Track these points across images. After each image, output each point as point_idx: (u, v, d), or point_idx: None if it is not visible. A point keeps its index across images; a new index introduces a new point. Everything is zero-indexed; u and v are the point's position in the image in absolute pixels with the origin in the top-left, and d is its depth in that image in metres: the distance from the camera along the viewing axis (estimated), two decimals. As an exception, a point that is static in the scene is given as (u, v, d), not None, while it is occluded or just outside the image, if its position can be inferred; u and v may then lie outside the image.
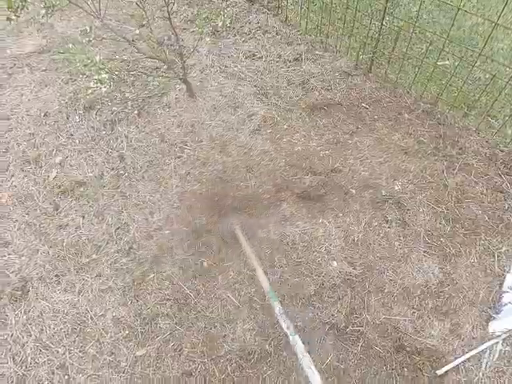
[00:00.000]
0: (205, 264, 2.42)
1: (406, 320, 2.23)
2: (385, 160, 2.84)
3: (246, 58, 3.44)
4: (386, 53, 3.17)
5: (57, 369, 2.12)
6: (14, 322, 2.26)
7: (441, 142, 2.91)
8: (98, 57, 2.32)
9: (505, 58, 3.35)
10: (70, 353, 2.16)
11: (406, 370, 2.09)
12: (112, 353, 2.16)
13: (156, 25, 3.64)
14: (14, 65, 3.37)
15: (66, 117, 3.06)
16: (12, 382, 2.06)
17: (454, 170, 2.78)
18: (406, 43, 2.98)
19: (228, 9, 3.54)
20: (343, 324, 2.22)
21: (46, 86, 3.26)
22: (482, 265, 2.39)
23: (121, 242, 2.53)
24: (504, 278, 2.32)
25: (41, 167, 2.85)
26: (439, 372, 2.04)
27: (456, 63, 3.32)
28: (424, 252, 2.45)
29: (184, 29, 3.59)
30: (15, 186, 2.76)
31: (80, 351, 2.16)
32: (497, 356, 2.08)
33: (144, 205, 2.66)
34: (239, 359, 2.13)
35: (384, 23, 2.92)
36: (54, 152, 2.91)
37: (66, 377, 2.09)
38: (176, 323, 2.24)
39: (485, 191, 2.68)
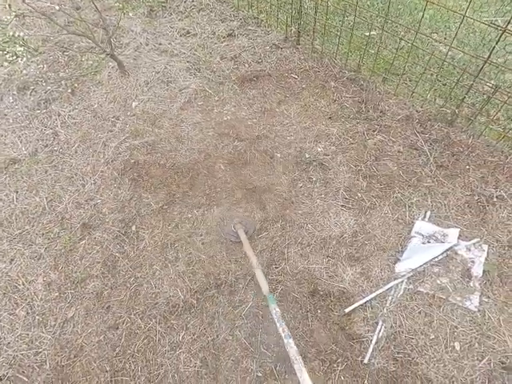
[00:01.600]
0: (133, 228, 2.54)
1: (321, 268, 2.39)
2: (309, 125, 2.99)
3: (180, 35, 3.54)
4: (310, 25, 3.30)
5: (-12, 331, 2.22)
6: None
7: (363, 106, 3.07)
8: (17, 33, 2.38)
9: (427, 27, 3.53)
10: (1, 316, 2.25)
11: (319, 311, 2.26)
12: (42, 313, 2.27)
13: (92, 6, 3.69)
14: None
15: (0, 98, 3.11)
16: None
17: (374, 131, 2.94)
18: (326, 15, 3.11)
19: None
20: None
21: (-21, 69, 3.30)
22: (394, 215, 2.56)
23: (53, 212, 2.62)
24: (413, 224, 2.51)
25: (-25, 147, 2.91)
26: (347, 310, 2.21)
27: (383, 33, 3.49)
28: (341, 206, 2.61)
29: (119, 9, 3.64)
30: (-51, 167, 2.81)
31: (10, 314, 2.26)
32: (401, 293, 2.26)
33: (76, 177, 2.76)
34: (164, 312, 2.26)
35: (304, -5, 3.06)
36: (-13, 132, 2.97)
37: (-3, 338, 2.20)
38: (105, 284, 2.36)
39: (401, 149, 2.86)
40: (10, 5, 2.51)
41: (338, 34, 3.11)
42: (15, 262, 2.43)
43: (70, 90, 3.11)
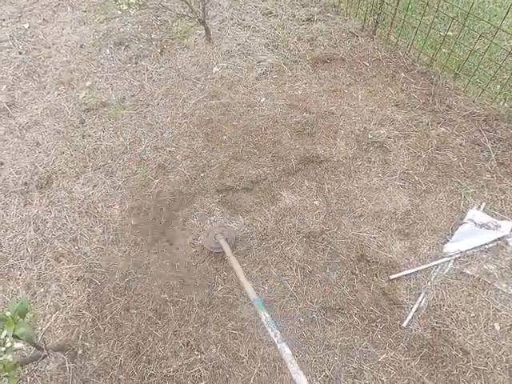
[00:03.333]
0: (202, 175, 2.78)
1: (371, 237, 2.52)
2: (375, 109, 3.12)
3: (263, 15, 3.77)
4: (389, 18, 3.42)
5: (69, 241, 2.53)
6: (38, 203, 2.68)
7: (430, 99, 3.16)
8: (130, -12, 2.70)
9: (505, 34, 3.55)
10: (81, 230, 2.56)
11: (364, 275, 2.39)
12: (116, 234, 2.55)
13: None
14: (59, 4, 3.82)
15: (99, 49, 3.48)
16: (33, 243, 2.48)
17: (438, 123, 3.03)
18: (406, 11, 3.22)
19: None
20: (316, 235, 2.53)
21: (84, 23, 3.70)
22: (448, 201, 2.64)
23: (133, 152, 2.92)
24: (467, 212, 2.58)
25: (73, 88, 3.28)
26: (392, 276, 2.33)
27: (460, 34, 3.55)
28: (398, 186, 2.73)
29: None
30: (49, 101, 3.20)
31: (89, 230, 2.57)
32: (446, 271, 2.35)
33: (157, 125, 3.05)
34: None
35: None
36: (84, 77, 3.34)
37: (76, 247, 2.50)
38: (174, 210, 2.62)
39: (464, 143, 2.92)
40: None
41: (416, 29, 3.22)
42: (97, 188, 2.75)
43: (159, 50, 3.43)
